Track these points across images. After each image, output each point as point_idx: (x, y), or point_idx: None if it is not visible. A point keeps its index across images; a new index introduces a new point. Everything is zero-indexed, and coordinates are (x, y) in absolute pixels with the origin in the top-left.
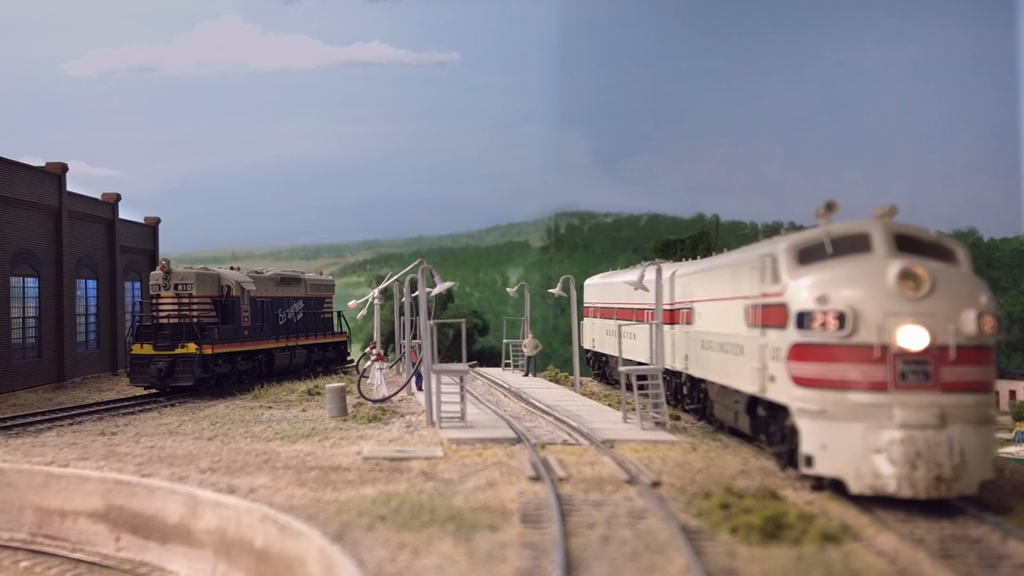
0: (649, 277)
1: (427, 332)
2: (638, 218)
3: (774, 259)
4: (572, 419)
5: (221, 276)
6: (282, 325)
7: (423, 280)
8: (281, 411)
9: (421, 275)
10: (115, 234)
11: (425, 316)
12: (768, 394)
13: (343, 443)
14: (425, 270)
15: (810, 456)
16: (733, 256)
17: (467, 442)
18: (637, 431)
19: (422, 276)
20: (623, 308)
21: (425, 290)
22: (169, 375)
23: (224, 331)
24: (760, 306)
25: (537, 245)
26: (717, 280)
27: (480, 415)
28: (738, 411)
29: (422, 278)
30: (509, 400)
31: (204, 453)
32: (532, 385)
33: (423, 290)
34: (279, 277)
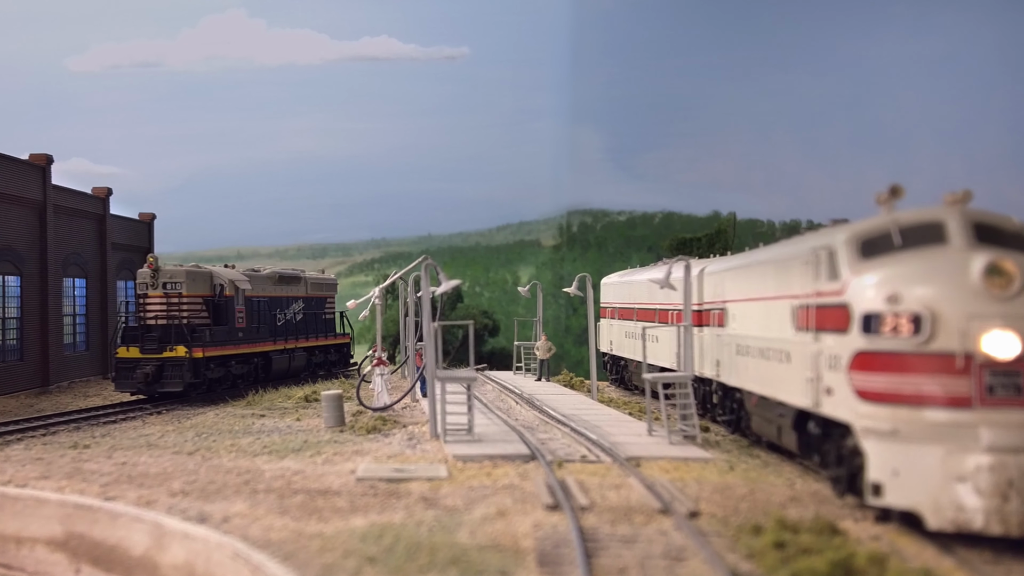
0: (676, 275)
1: (431, 335)
2: (652, 216)
3: (831, 252)
4: (591, 431)
5: (213, 274)
6: (280, 326)
7: (427, 278)
8: (274, 420)
9: (425, 272)
10: (106, 230)
11: (429, 317)
12: (823, 409)
13: (336, 459)
14: (429, 267)
15: (878, 484)
16: (777, 250)
17: (475, 459)
18: (665, 446)
19: (426, 274)
20: (644, 308)
21: (429, 289)
22: (157, 380)
23: (216, 333)
24: (813, 307)
25: (549, 244)
26: (757, 277)
27: (489, 426)
28: (783, 426)
29: (426, 276)
30: (521, 408)
31: (180, 471)
32: (545, 391)
33: (427, 289)
34: (277, 276)
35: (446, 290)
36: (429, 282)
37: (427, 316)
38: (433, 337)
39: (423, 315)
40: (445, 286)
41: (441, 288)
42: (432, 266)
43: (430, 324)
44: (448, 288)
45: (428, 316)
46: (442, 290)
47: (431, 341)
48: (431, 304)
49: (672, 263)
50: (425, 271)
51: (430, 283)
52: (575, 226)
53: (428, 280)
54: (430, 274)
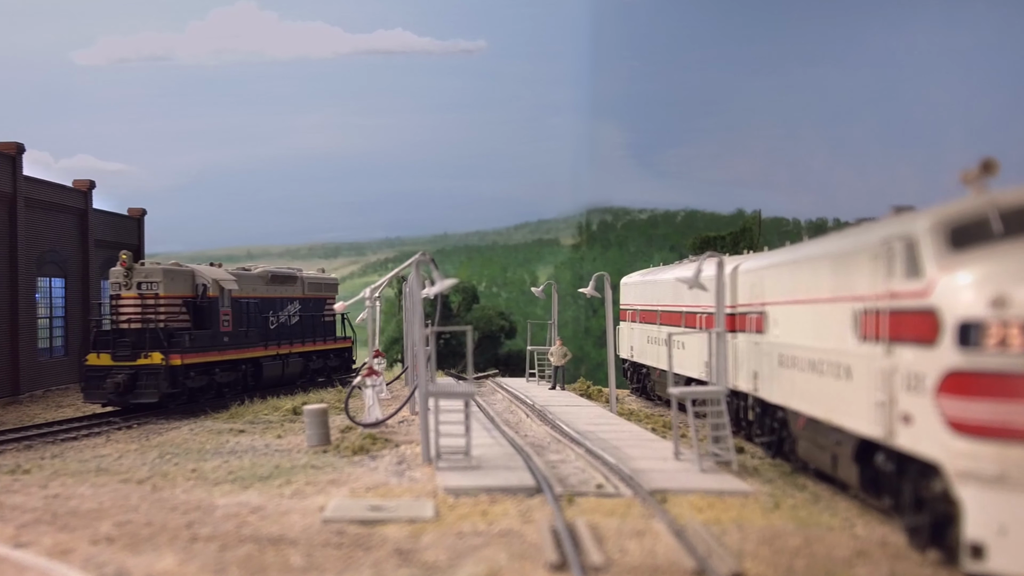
0: (707, 273)
1: (422, 343)
2: (675, 214)
3: (910, 243)
4: (609, 453)
5: (195, 273)
6: (273, 330)
7: (417, 277)
8: (253, 437)
9: (416, 271)
10: (88, 226)
11: (420, 322)
12: (899, 441)
13: (307, 491)
14: (422, 263)
15: (979, 544)
16: (833, 243)
17: (469, 492)
18: (695, 474)
19: (416, 272)
20: (669, 311)
21: (420, 289)
22: (130, 390)
23: (198, 338)
24: (886, 312)
25: (568, 243)
26: (806, 276)
27: (492, 447)
28: (840, 455)
29: (416, 274)
30: (531, 421)
31: (118, 507)
32: (560, 401)
33: (417, 289)
34: (270, 275)
35: (440, 291)
36: (420, 281)
37: (417, 320)
38: (424, 345)
39: (413, 318)
40: (439, 286)
41: (434, 289)
42: (425, 263)
43: (421, 329)
44: (442, 289)
45: (418, 320)
46: (435, 291)
47: (422, 349)
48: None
49: (702, 260)
50: (416, 269)
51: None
52: (595, 224)
53: (419, 279)
54: (422, 272)
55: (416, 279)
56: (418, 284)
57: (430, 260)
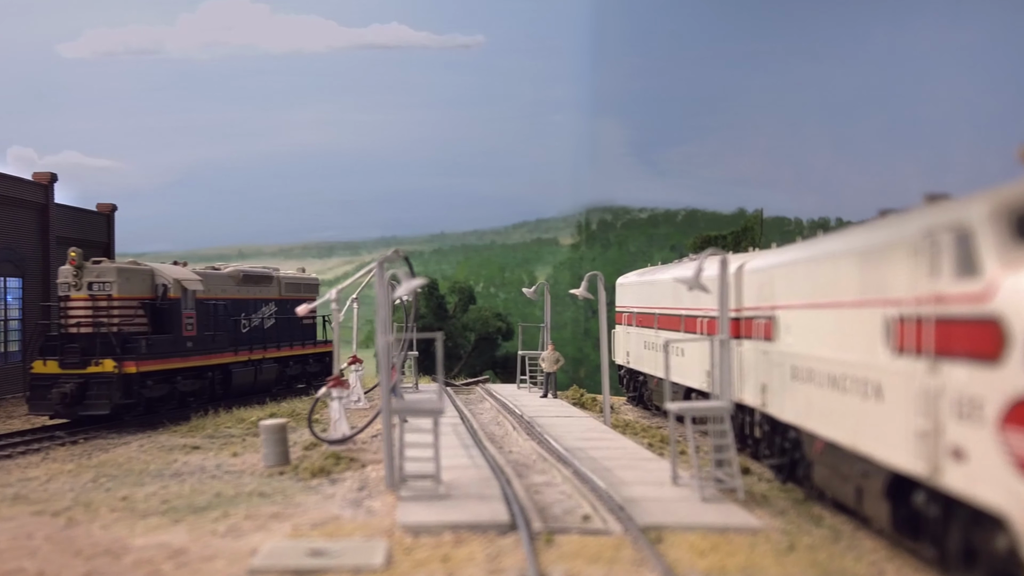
0: (709, 272)
1: (385, 352)
2: (675, 213)
3: (964, 234)
4: (599, 475)
5: (155, 273)
6: (245, 334)
7: (381, 276)
8: (205, 455)
9: (379, 270)
10: (49, 222)
11: (387, 327)
12: (947, 480)
13: (244, 527)
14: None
15: None
16: (859, 236)
17: (432, 530)
18: (696, 505)
19: (380, 271)
20: (666, 314)
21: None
22: (78, 401)
23: (157, 343)
24: (930, 319)
25: (567, 242)
26: (826, 275)
27: (467, 469)
28: (866, 489)
29: (380, 274)
30: (518, 435)
31: (12, 551)
32: (550, 411)
33: (382, 290)
34: (241, 275)
35: (405, 293)
36: (386, 282)
37: (380, 326)
38: (387, 354)
39: (377, 322)
40: (404, 287)
41: (400, 290)
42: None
43: (385, 335)
44: (408, 291)
45: (383, 326)
46: (400, 293)
47: (384, 359)
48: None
49: (703, 258)
50: (379, 268)
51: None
52: (595, 224)
53: (382, 279)
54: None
55: (381, 280)
56: (383, 285)
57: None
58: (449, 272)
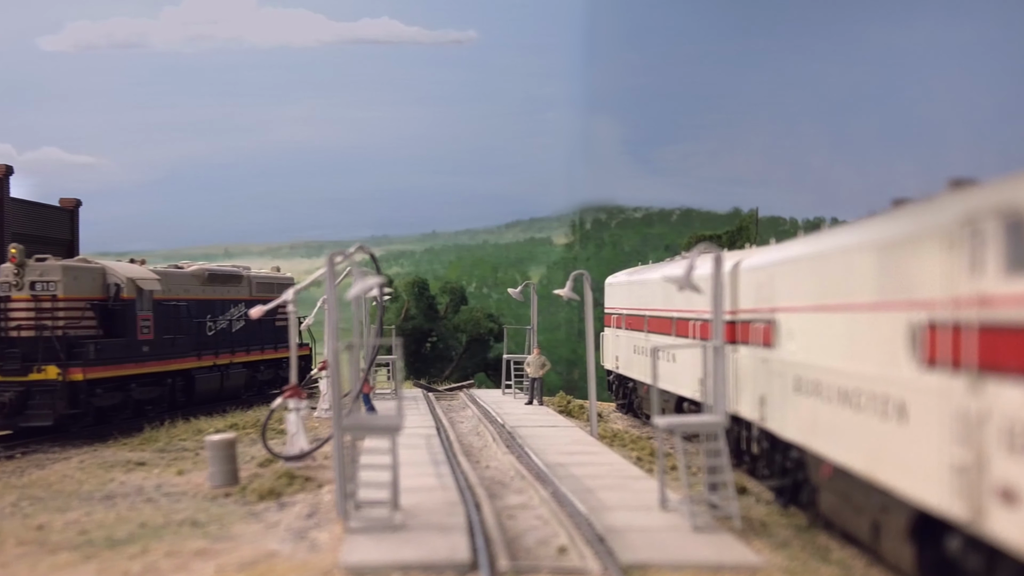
0: (702, 271)
1: (335, 360)
2: (670, 212)
3: (1019, 220)
4: (580, 496)
5: (107, 271)
6: (211, 337)
7: (330, 275)
8: (147, 474)
9: (328, 267)
10: (3, 217)
11: (332, 331)
12: (994, 526)
13: (161, 566)
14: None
15: None
16: (878, 227)
17: (378, 571)
18: (686, 535)
19: (329, 268)
20: (657, 316)
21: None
22: (19, 411)
23: (108, 347)
24: (972, 325)
25: (561, 242)
26: (836, 272)
27: (433, 491)
28: (886, 525)
29: (330, 273)
30: (497, 447)
31: None
32: (534, 420)
33: (331, 290)
34: (207, 274)
35: (359, 294)
36: (332, 280)
37: (329, 330)
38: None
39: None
40: (357, 287)
41: (353, 291)
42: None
43: (334, 341)
44: (364, 291)
45: (331, 330)
46: (354, 293)
47: (335, 367)
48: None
49: (695, 255)
50: (329, 265)
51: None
52: (589, 223)
53: (331, 277)
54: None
55: (331, 279)
56: (333, 285)
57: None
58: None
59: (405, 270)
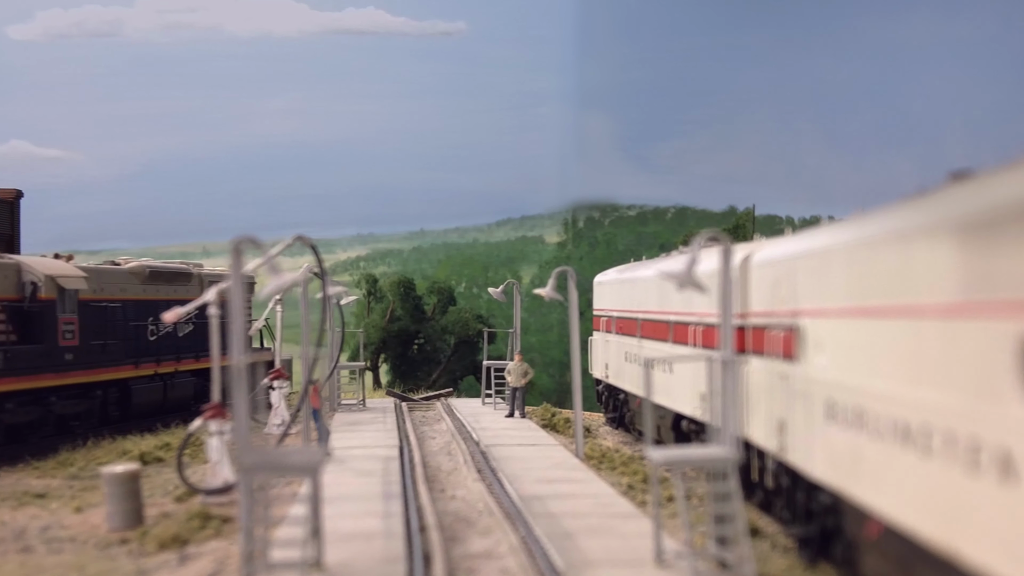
0: (707, 266)
1: (239, 376)
2: (665, 210)
3: None
4: (556, 544)
5: (22, 267)
6: (152, 343)
7: (236, 267)
8: (46, 509)
9: (235, 259)
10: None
11: (243, 340)
12: None
13: None
14: (245, 246)
15: None
16: (955, 201)
17: None
18: None
19: (236, 262)
20: (651, 320)
21: (240, 286)
22: None
23: (21, 355)
24: None
25: (553, 240)
26: (890, 265)
27: (373, 539)
28: None
29: (236, 265)
30: (467, 471)
31: None
32: (512, 437)
33: (238, 287)
34: (148, 271)
35: (274, 292)
36: (240, 278)
37: (236, 338)
38: (241, 379)
39: (232, 333)
40: (273, 285)
41: (267, 290)
42: (257, 246)
43: (240, 354)
44: (279, 289)
45: (239, 338)
46: (267, 293)
47: (241, 383)
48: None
49: (697, 246)
50: (234, 257)
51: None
52: (581, 221)
53: (238, 271)
54: (238, 260)
55: (236, 273)
56: (239, 281)
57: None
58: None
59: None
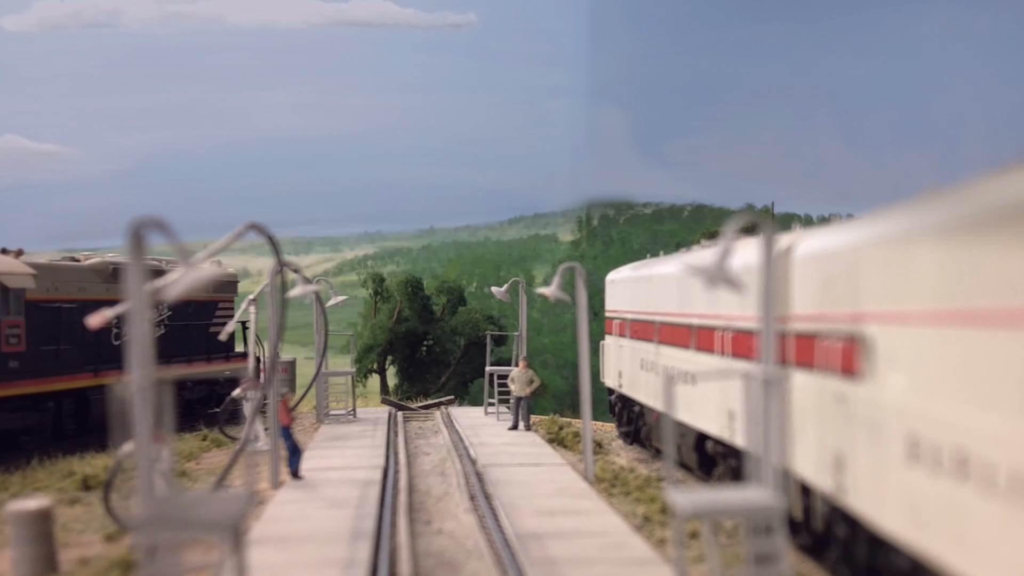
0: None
1: (141, 397)
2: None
3: None
4: None
5: None
6: (116, 348)
7: (137, 260)
8: None
9: (133, 250)
10: None
11: (146, 353)
12: None
13: None
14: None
15: None
16: None
17: None
18: None
19: (136, 253)
20: (670, 323)
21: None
22: None
23: None
24: None
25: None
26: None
27: None
28: None
29: (136, 257)
30: (459, 498)
31: None
32: (515, 454)
33: (137, 279)
34: (111, 268)
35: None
36: (138, 268)
37: (135, 348)
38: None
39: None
40: (185, 280)
41: (174, 287)
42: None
43: (141, 369)
44: (183, 286)
45: (138, 350)
46: (177, 291)
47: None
48: None
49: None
50: (132, 247)
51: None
52: (596, 219)
53: (138, 263)
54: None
55: (136, 268)
56: (139, 278)
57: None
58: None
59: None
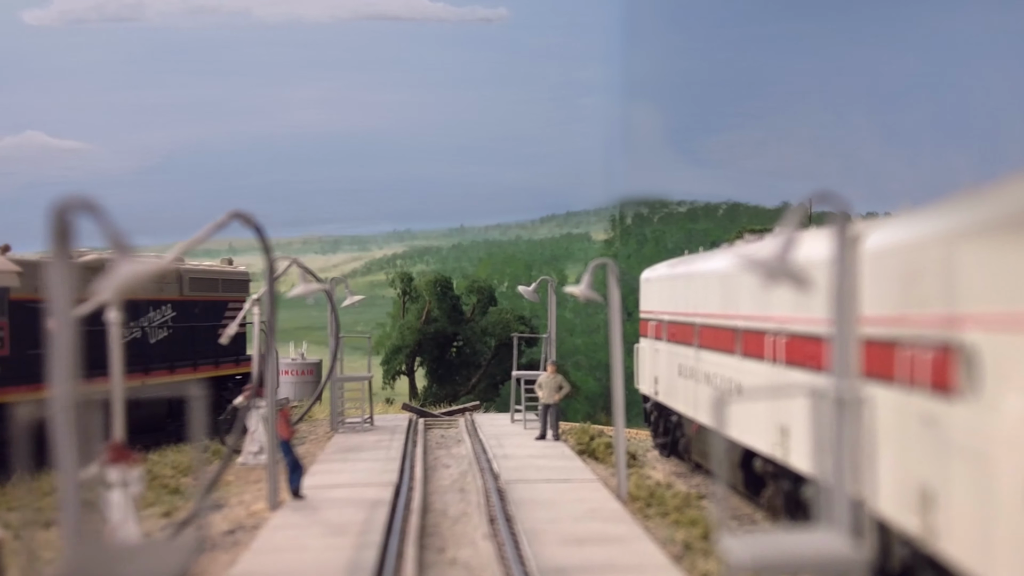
0: (810, 253)
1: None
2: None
3: None
4: None
5: None
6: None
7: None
8: None
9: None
10: None
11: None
12: None
13: None
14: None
15: None
16: None
17: None
18: None
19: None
20: (712, 325)
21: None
22: None
23: None
24: None
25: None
26: None
27: None
28: None
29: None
30: (478, 519)
31: None
32: (542, 467)
33: (61, 275)
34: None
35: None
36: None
37: (59, 359)
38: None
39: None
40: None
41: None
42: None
43: (67, 383)
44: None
45: (60, 358)
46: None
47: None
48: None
49: (794, 226)
50: (56, 236)
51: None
52: (629, 217)
53: (63, 254)
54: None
55: (62, 257)
56: (63, 270)
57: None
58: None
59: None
